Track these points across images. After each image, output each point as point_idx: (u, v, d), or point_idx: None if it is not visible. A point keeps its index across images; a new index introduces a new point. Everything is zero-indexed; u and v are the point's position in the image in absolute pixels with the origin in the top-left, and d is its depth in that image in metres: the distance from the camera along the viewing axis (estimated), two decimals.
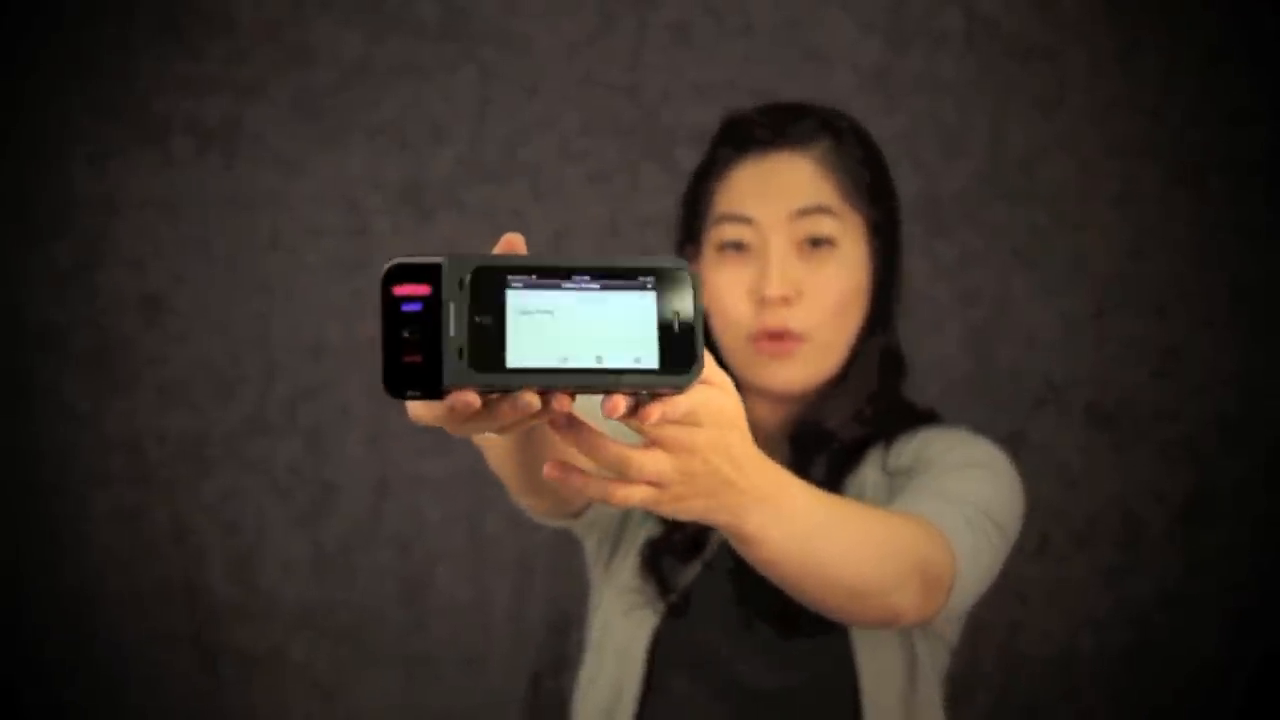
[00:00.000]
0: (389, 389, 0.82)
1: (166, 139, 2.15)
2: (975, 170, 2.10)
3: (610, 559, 1.49)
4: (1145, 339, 2.09)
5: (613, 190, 2.15)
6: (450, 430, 0.86)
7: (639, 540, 1.46)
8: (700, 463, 0.88)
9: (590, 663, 1.49)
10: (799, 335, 1.39)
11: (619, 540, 1.49)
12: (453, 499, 2.18)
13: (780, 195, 1.40)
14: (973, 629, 1.46)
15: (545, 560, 2.17)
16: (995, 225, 2.10)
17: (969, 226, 2.10)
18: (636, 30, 2.14)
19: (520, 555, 2.18)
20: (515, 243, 0.86)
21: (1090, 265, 2.09)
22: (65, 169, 2.15)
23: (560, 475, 0.88)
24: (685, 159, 2.01)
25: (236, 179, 2.16)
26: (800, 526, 0.99)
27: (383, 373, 0.82)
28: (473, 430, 0.86)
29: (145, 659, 2.18)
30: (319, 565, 2.19)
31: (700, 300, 0.82)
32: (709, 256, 1.44)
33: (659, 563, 1.43)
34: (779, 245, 1.39)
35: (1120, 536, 2.09)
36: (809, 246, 1.40)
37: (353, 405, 2.17)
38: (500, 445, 1.08)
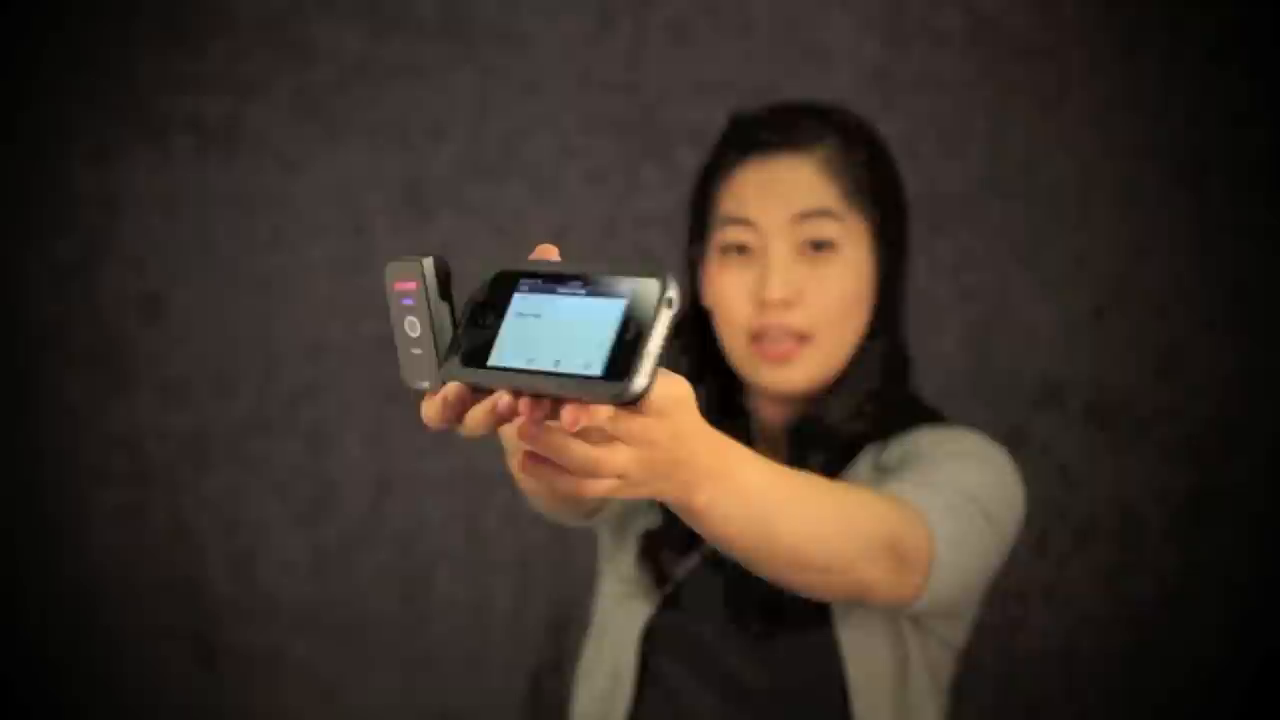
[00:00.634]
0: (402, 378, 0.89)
1: (167, 137, 2.15)
2: (975, 170, 2.10)
3: (614, 548, 1.50)
4: (1145, 338, 2.09)
5: (611, 189, 2.15)
6: (464, 433, 0.88)
7: (639, 530, 1.47)
8: (661, 451, 0.88)
9: (590, 650, 1.51)
10: (799, 338, 1.40)
11: (623, 530, 1.50)
12: (453, 498, 2.18)
13: (782, 198, 1.40)
14: (972, 628, 1.46)
15: (545, 560, 2.17)
16: (995, 224, 2.10)
17: (969, 226, 2.10)
18: (635, 29, 2.14)
19: (520, 554, 2.18)
20: (549, 253, 0.88)
21: (1090, 265, 2.09)
22: (66, 167, 2.15)
23: (531, 470, 0.88)
24: (684, 158, 2.01)
25: (237, 177, 2.16)
26: (754, 502, 0.98)
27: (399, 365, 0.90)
28: (473, 431, 0.87)
29: (145, 657, 2.18)
30: (319, 564, 2.19)
31: (660, 313, 0.80)
32: (713, 258, 1.44)
33: (656, 553, 1.44)
34: (780, 248, 1.39)
35: (1120, 536, 2.09)
36: (811, 250, 1.40)
37: (353, 404, 2.17)
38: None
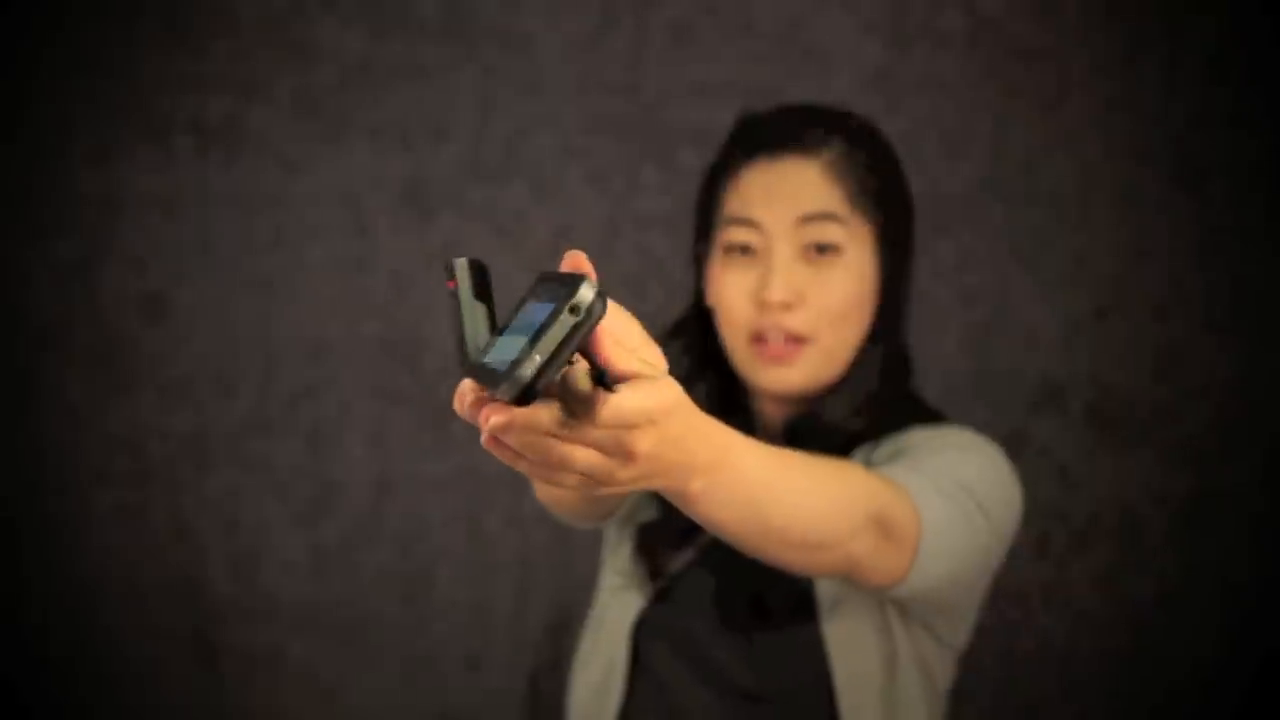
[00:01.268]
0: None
1: (168, 137, 2.15)
2: (976, 171, 2.10)
3: (617, 540, 1.51)
4: (1145, 340, 2.09)
5: (613, 190, 2.15)
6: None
7: (638, 523, 1.48)
8: (646, 463, 0.86)
9: (586, 642, 1.52)
10: (799, 340, 1.40)
11: (624, 522, 1.50)
12: (453, 499, 2.18)
13: (787, 200, 1.40)
14: (973, 630, 1.46)
15: (545, 560, 2.17)
16: (996, 226, 2.11)
17: (969, 227, 2.11)
18: (637, 30, 2.14)
19: (520, 555, 2.18)
20: (579, 259, 0.84)
21: (1090, 266, 2.09)
22: (67, 167, 2.15)
23: (496, 449, 0.85)
24: (686, 159, 2.02)
25: (238, 178, 2.16)
26: (746, 487, 0.98)
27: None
28: (469, 420, 0.86)
29: (146, 657, 2.19)
30: (319, 564, 2.19)
31: (560, 316, 0.79)
32: (716, 257, 1.45)
33: (652, 547, 1.45)
34: (783, 250, 1.40)
35: (1119, 537, 2.09)
36: (814, 252, 1.40)
37: (353, 404, 2.17)
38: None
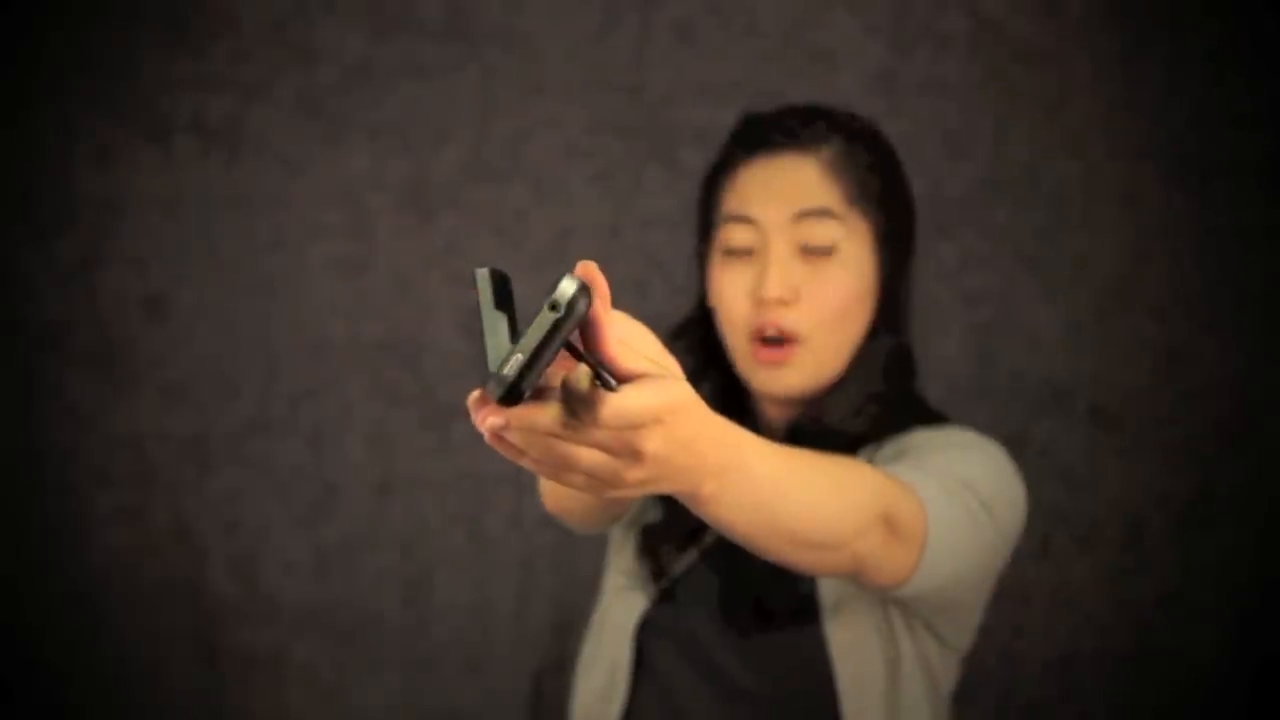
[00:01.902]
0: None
1: (169, 138, 2.15)
2: (978, 172, 2.10)
3: (622, 541, 1.51)
4: (1148, 342, 2.09)
5: (616, 190, 2.15)
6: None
7: (643, 524, 1.47)
8: (650, 462, 0.85)
9: (589, 644, 1.52)
10: (794, 338, 1.39)
11: (629, 523, 1.50)
12: (454, 500, 2.17)
13: (783, 197, 1.40)
14: (977, 632, 1.46)
15: (547, 562, 2.17)
16: (998, 227, 2.10)
17: (972, 228, 2.10)
18: (640, 30, 2.14)
19: (522, 557, 2.17)
20: (589, 269, 0.82)
21: (1093, 268, 2.09)
22: (67, 167, 2.15)
23: (500, 445, 0.84)
24: (689, 159, 2.01)
25: (239, 178, 2.16)
26: (757, 488, 0.97)
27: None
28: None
29: (146, 659, 2.18)
30: (320, 566, 2.18)
31: (542, 315, 0.79)
32: (716, 256, 1.44)
33: (656, 547, 1.44)
34: (780, 247, 1.39)
35: (1122, 539, 2.09)
36: (811, 250, 1.40)
37: (354, 405, 2.17)
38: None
